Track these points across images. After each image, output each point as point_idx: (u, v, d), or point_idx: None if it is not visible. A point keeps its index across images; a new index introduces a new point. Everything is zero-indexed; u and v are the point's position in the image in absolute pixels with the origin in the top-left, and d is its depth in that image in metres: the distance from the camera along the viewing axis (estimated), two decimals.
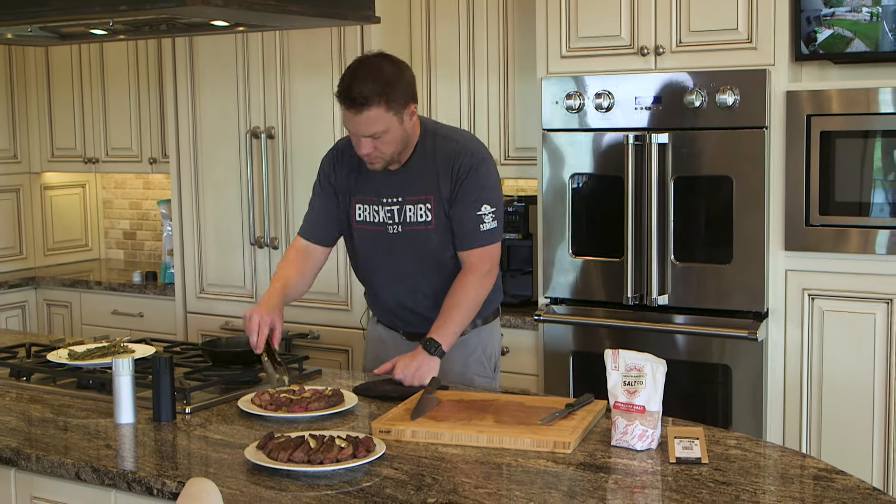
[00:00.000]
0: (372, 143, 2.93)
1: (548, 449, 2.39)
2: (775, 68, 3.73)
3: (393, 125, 2.91)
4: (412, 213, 3.07)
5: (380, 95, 2.85)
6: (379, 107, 2.86)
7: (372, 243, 3.15)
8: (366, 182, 3.11)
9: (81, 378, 3.08)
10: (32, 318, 5.69)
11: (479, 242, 3.05)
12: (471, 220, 3.04)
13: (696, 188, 3.87)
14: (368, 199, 3.11)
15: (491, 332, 3.29)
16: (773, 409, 3.84)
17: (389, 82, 2.87)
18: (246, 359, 3.16)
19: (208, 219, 5.02)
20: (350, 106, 2.87)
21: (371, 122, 2.87)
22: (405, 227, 3.08)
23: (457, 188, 3.02)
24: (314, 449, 2.31)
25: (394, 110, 2.89)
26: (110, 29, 3.29)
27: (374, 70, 2.88)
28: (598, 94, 3.96)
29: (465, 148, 3.07)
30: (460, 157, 3.03)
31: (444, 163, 3.04)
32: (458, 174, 3.02)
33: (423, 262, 3.11)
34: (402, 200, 3.07)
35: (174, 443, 2.56)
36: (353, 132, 2.93)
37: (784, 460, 2.37)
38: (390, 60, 2.96)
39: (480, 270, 3.05)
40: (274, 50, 4.71)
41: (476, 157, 3.06)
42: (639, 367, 2.40)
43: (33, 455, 2.47)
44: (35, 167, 5.95)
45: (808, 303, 3.77)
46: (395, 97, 2.88)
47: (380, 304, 3.28)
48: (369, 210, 3.12)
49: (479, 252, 3.06)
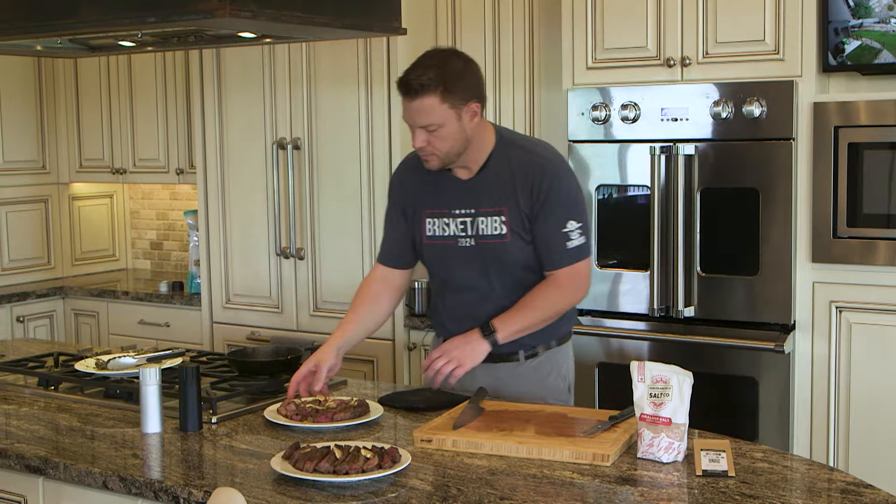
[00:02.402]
0: (426, 136, 2.81)
1: (587, 461, 2.38)
2: (802, 79, 3.72)
3: (449, 120, 2.79)
4: (485, 225, 2.93)
5: (436, 84, 2.74)
6: (434, 96, 2.75)
7: (442, 257, 3.02)
8: (436, 195, 2.99)
9: (109, 387, 3.09)
10: (60, 327, 5.73)
11: (569, 261, 2.90)
12: (557, 239, 2.89)
13: (722, 200, 3.85)
14: (439, 213, 2.98)
15: (565, 354, 3.17)
16: (800, 421, 3.82)
17: (450, 73, 2.77)
18: (272, 369, 3.17)
19: (235, 229, 5.04)
20: (405, 92, 2.78)
21: (425, 111, 2.77)
22: (478, 241, 2.94)
23: (539, 204, 2.88)
24: (340, 459, 2.31)
25: (450, 103, 2.77)
26: (139, 41, 3.32)
27: (437, 60, 2.80)
28: (624, 106, 3.96)
29: (546, 161, 2.94)
30: (541, 170, 2.89)
31: (522, 174, 2.89)
32: (540, 189, 2.87)
33: (497, 276, 2.96)
34: (475, 213, 2.94)
35: (200, 452, 2.57)
36: (408, 122, 2.83)
37: (811, 474, 2.35)
38: (458, 55, 2.87)
39: (568, 287, 2.94)
40: (300, 61, 4.74)
41: (558, 171, 2.93)
42: (665, 380, 2.40)
43: (61, 464, 2.49)
44: (63, 178, 6.00)
45: (836, 315, 3.75)
46: (453, 89, 2.76)
47: (448, 323, 3.08)
48: (439, 224, 2.98)
49: (567, 271, 2.92)
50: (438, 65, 2.78)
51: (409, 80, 2.78)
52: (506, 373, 3.03)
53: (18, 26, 3.05)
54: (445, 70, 2.77)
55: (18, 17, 3.03)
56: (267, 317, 4.98)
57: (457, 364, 2.86)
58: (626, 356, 3.99)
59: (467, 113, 2.82)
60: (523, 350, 3.03)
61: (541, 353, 3.07)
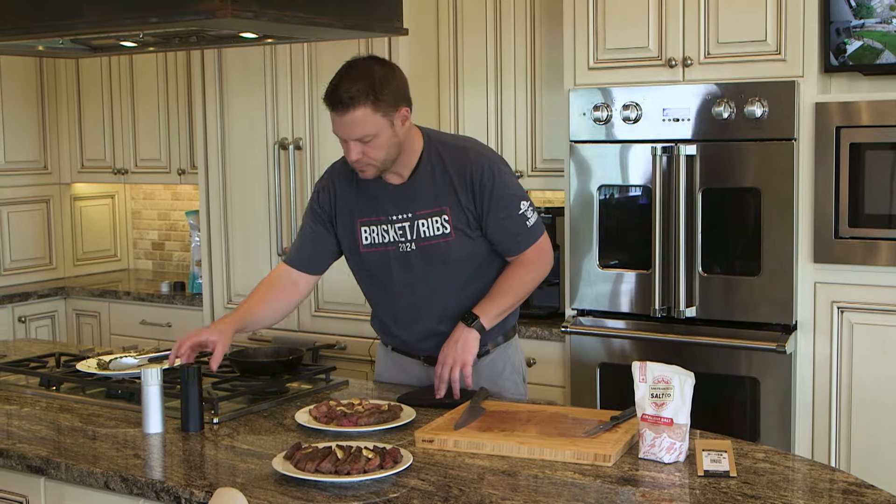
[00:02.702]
0: (360, 148, 2.78)
1: (588, 462, 2.38)
2: (804, 80, 3.72)
3: (382, 128, 2.78)
4: (426, 227, 2.94)
5: (366, 95, 2.72)
6: (366, 107, 2.72)
7: (384, 265, 3.00)
8: (370, 202, 2.98)
9: (110, 388, 3.10)
10: (62, 327, 5.74)
11: (533, 239, 2.98)
12: (517, 223, 2.95)
13: (724, 200, 3.85)
14: (376, 220, 2.97)
15: (515, 347, 3.20)
16: (801, 422, 3.82)
17: (378, 82, 2.74)
18: (273, 369, 3.18)
19: (236, 229, 5.04)
20: (336, 107, 2.74)
21: (357, 123, 2.74)
22: (420, 244, 2.95)
23: (488, 198, 2.91)
24: (341, 460, 2.31)
25: (382, 111, 2.75)
26: (140, 41, 3.32)
27: (362, 70, 2.77)
28: (625, 106, 3.96)
29: (479, 155, 2.96)
30: (479, 166, 2.92)
31: (459, 172, 2.92)
32: (482, 184, 2.90)
33: (441, 275, 2.97)
34: (413, 216, 2.94)
35: (202, 453, 2.58)
36: (340, 136, 2.80)
37: (813, 474, 2.35)
38: (380, 62, 2.85)
39: (537, 263, 3.01)
40: (302, 61, 4.74)
41: (493, 164, 2.95)
42: (667, 380, 2.40)
43: (63, 464, 2.49)
44: (65, 178, 6.01)
45: (838, 315, 3.75)
46: (383, 98, 2.74)
47: (395, 329, 3.11)
48: (377, 231, 2.98)
49: (533, 249, 2.99)
50: (364, 75, 2.75)
51: (338, 94, 2.74)
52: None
53: (20, 26, 3.05)
54: (373, 79, 2.75)
55: (20, 17, 3.04)
56: None
57: (461, 364, 2.89)
58: (628, 356, 3.99)
59: (399, 119, 2.82)
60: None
61: (492, 351, 3.11)
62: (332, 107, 2.77)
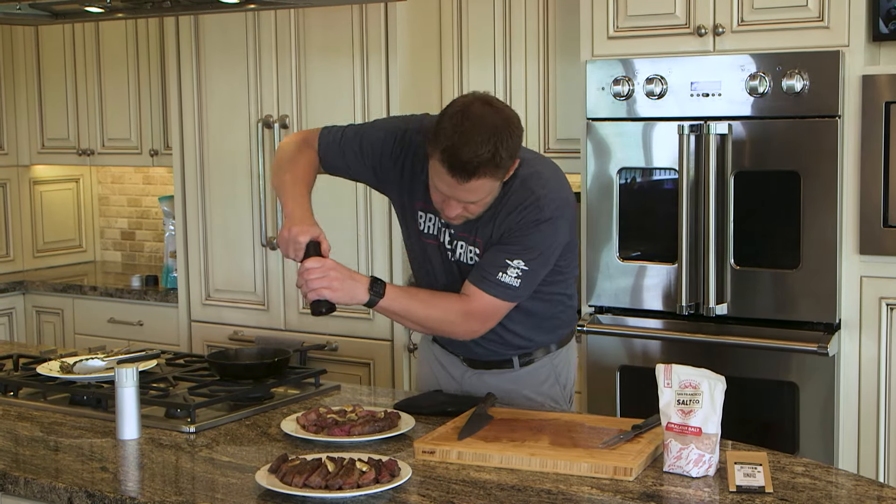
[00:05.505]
0: (463, 206, 2.74)
1: (607, 475, 2.39)
2: (850, 49, 3.72)
3: (494, 189, 2.73)
4: (462, 250, 2.91)
5: (492, 163, 2.62)
6: (490, 176, 2.65)
7: (437, 258, 2.98)
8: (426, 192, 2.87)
9: (75, 393, 3.10)
10: (20, 326, 5.75)
11: (489, 289, 2.80)
12: (495, 264, 2.80)
13: (759, 184, 3.86)
14: (433, 210, 2.89)
15: (567, 358, 3.15)
16: (845, 431, 3.83)
17: (504, 144, 2.64)
18: (256, 373, 3.18)
19: (215, 217, 5.05)
20: (457, 173, 2.63)
21: (476, 190, 2.68)
22: (456, 258, 2.93)
23: (507, 234, 2.81)
24: (332, 473, 2.31)
25: (500, 176, 2.70)
26: (108, 6, 3.32)
27: (487, 128, 2.63)
28: (649, 80, 3.96)
29: (538, 202, 2.81)
30: (527, 211, 2.80)
31: (508, 210, 2.82)
32: (517, 224, 2.80)
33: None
34: (455, 234, 2.91)
35: (177, 465, 2.58)
36: (448, 195, 2.72)
37: (859, 490, 2.35)
38: (496, 111, 2.69)
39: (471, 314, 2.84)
40: (288, 31, 4.74)
41: (545, 215, 2.81)
42: (695, 385, 2.40)
43: (21, 478, 2.49)
44: (24, 159, 6.01)
45: (886, 313, 3.76)
46: (506, 162, 2.67)
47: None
48: (434, 220, 2.94)
49: (484, 299, 2.81)
50: (491, 135, 2.63)
51: (461, 158, 2.62)
52: (498, 380, 3.05)
53: None
54: (500, 140, 2.64)
55: None
56: (251, 315, 4.99)
57: (328, 289, 2.74)
58: (651, 359, 4.00)
59: (509, 171, 2.76)
60: (517, 355, 3.05)
61: (538, 359, 3.09)
62: (453, 172, 2.65)
